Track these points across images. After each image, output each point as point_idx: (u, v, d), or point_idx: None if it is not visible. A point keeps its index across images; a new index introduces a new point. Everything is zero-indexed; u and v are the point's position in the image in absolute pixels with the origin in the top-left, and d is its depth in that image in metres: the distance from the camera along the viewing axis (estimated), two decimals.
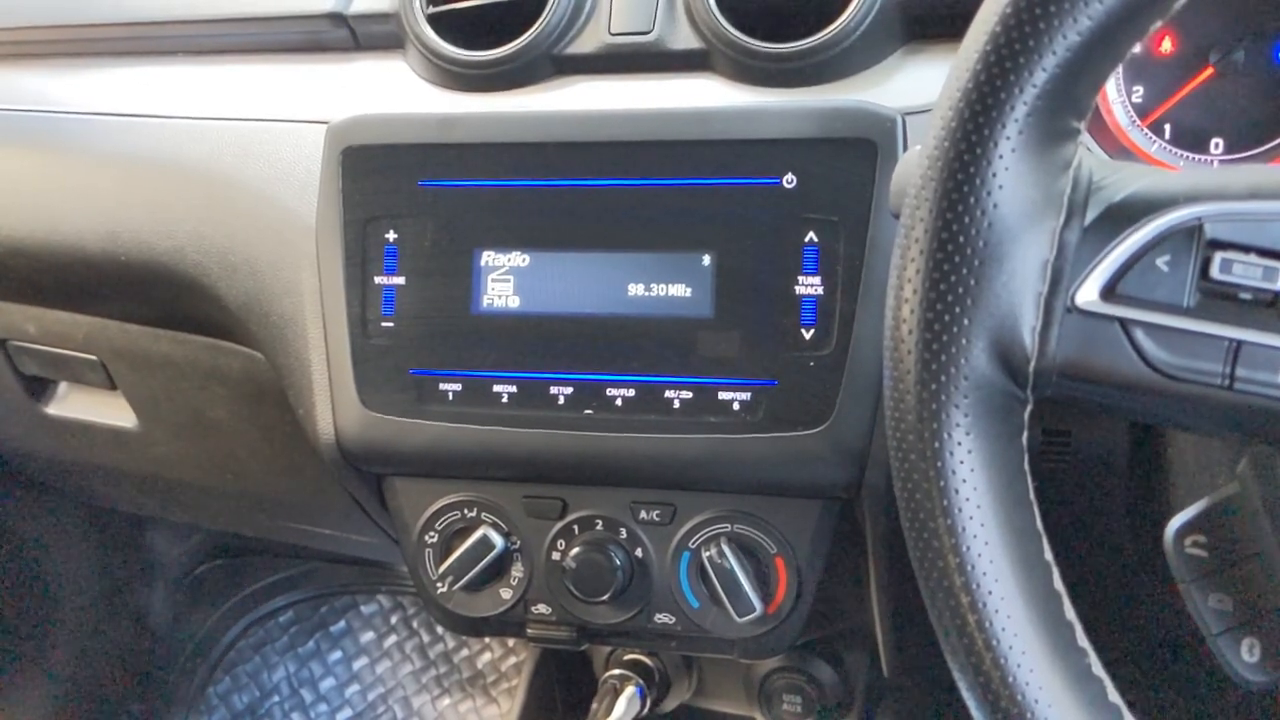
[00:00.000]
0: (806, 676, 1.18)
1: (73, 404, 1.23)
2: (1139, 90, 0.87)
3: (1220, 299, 0.51)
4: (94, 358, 1.15)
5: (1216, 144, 0.86)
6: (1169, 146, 0.87)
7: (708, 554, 0.87)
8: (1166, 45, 0.87)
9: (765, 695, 1.20)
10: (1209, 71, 0.85)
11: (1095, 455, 0.85)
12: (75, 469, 1.34)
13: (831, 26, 0.88)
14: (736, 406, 0.83)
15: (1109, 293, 0.52)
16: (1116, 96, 0.87)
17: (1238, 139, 0.86)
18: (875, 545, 0.88)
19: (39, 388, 1.23)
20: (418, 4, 0.98)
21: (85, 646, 1.65)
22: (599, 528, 0.90)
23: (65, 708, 1.63)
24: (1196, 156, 0.87)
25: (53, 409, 1.24)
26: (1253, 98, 0.85)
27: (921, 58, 0.90)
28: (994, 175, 0.51)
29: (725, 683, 1.25)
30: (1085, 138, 0.65)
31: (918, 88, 0.86)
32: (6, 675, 1.58)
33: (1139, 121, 0.87)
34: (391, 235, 0.89)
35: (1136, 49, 0.85)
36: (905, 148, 0.81)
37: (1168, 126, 0.87)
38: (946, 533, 0.52)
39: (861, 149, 0.81)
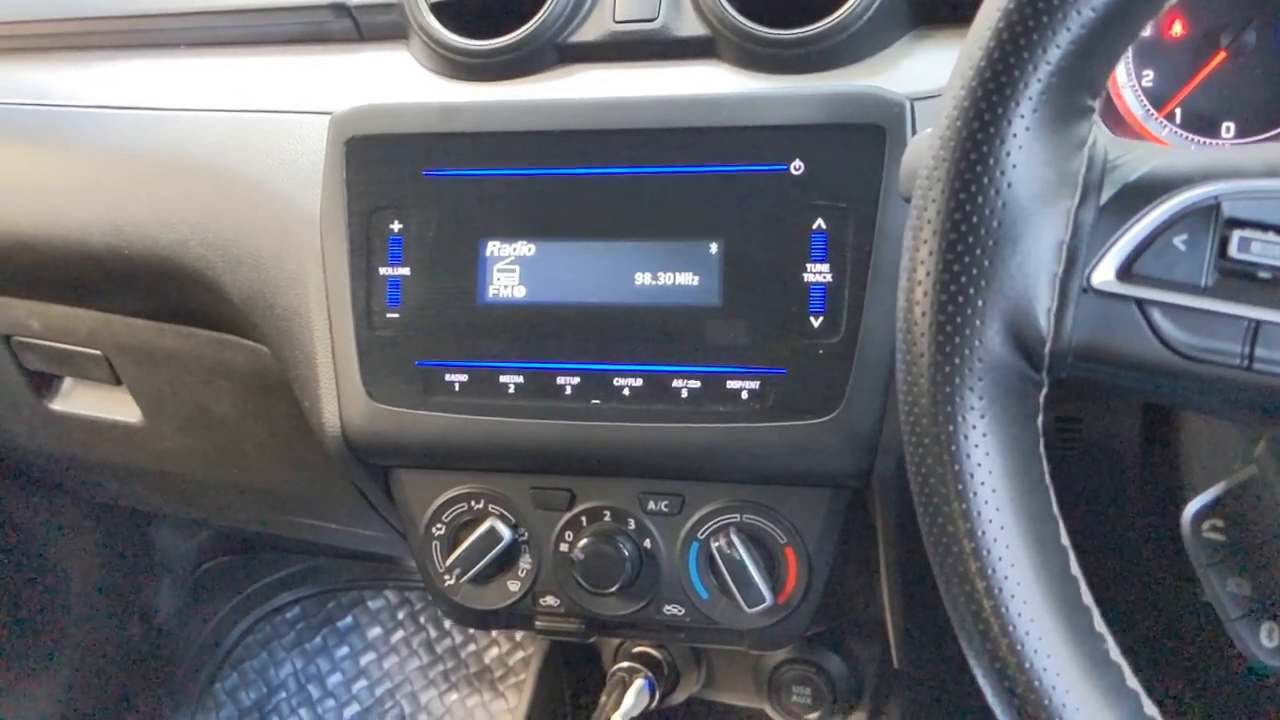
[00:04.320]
0: (816, 668, 1.17)
1: (77, 400, 1.23)
2: (1149, 74, 0.87)
3: (1239, 278, 0.50)
4: (98, 353, 1.15)
5: (1228, 128, 0.86)
6: (1180, 131, 0.86)
7: (717, 544, 0.86)
8: (1177, 28, 0.86)
9: (775, 687, 1.19)
10: (1221, 55, 0.84)
11: (1106, 441, 0.85)
12: (80, 465, 1.33)
13: (838, 12, 0.87)
14: (745, 395, 0.82)
15: (1125, 273, 0.51)
16: (1126, 81, 0.87)
17: (1249, 122, 0.85)
18: (886, 534, 0.88)
19: (43, 383, 1.23)
20: None
21: (92, 643, 1.65)
22: (607, 519, 0.89)
23: (72, 704, 1.63)
24: (1208, 141, 0.86)
25: (57, 405, 1.23)
26: (1264, 80, 0.84)
27: (929, 43, 0.90)
28: (1008, 154, 0.50)
29: (734, 675, 1.25)
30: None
31: (925, 73, 0.86)
32: (14, 672, 1.58)
33: (1153, 110, 0.86)
34: (396, 226, 0.89)
35: (1146, 32, 0.84)
36: (914, 133, 0.80)
37: (1179, 111, 0.86)
38: (961, 517, 0.52)
39: (870, 134, 0.80)
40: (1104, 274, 0.51)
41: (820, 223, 0.81)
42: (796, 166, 0.81)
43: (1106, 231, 0.51)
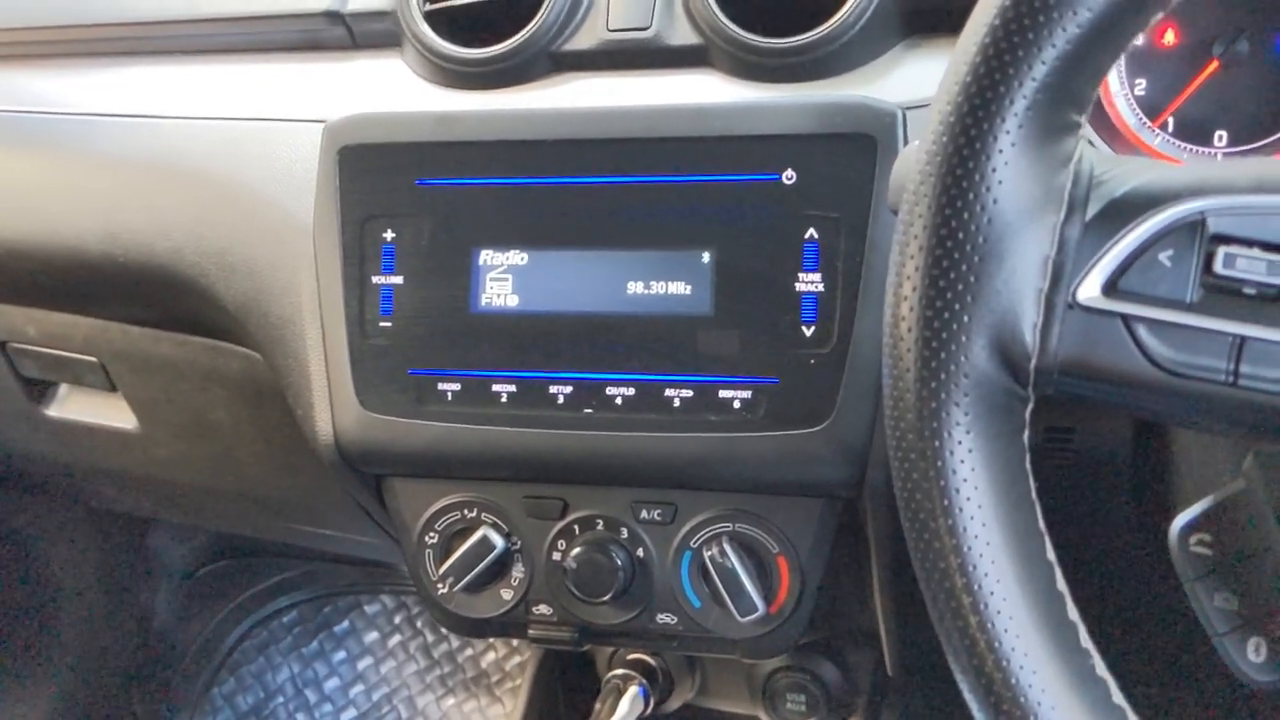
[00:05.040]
0: (810, 675, 1.17)
1: (73, 406, 1.23)
2: (1141, 83, 0.87)
3: (1224, 294, 0.50)
4: (94, 359, 1.15)
5: (1220, 137, 0.86)
6: (1172, 140, 0.86)
7: (709, 553, 0.86)
8: (1169, 37, 0.86)
9: (769, 695, 1.19)
10: (1214, 65, 0.84)
11: (1098, 452, 0.85)
12: (76, 471, 1.34)
13: (830, 21, 0.87)
14: (737, 405, 0.82)
15: (1111, 288, 0.51)
16: (1119, 89, 0.87)
17: (1242, 131, 0.85)
18: (877, 544, 0.88)
19: (39, 390, 1.23)
20: (415, 1, 0.97)
21: (89, 648, 1.65)
22: (600, 528, 0.89)
23: (69, 710, 1.63)
24: (1200, 149, 0.86)
25: (53, 411, 1.23)
26: (1257, 89, 0.84)
27: (921, 52, 0.89)
28: (994, 170, 0.50)
29: (729, 682, 1.25)
30: (1087, 131, 0.65)
31: (917, 82, 0.86)
32: (11, 677, 1.58)
33: (1145, 119, 0.86)
34: (389, 234, 0.89)
35: (1139, 41, 0.84)
36: (905, 143, 0.80)
37: (1171, 120, 0.86)
38: (947, 533, 0.52)
39: (861, 144, 0.80)
40: (1089, 290, 0.51)
41: (812, 232, 0.81)
42: (788, 176, 0.81)
43: (1092, 247, 0.51)
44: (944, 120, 0.51)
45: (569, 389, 0.85)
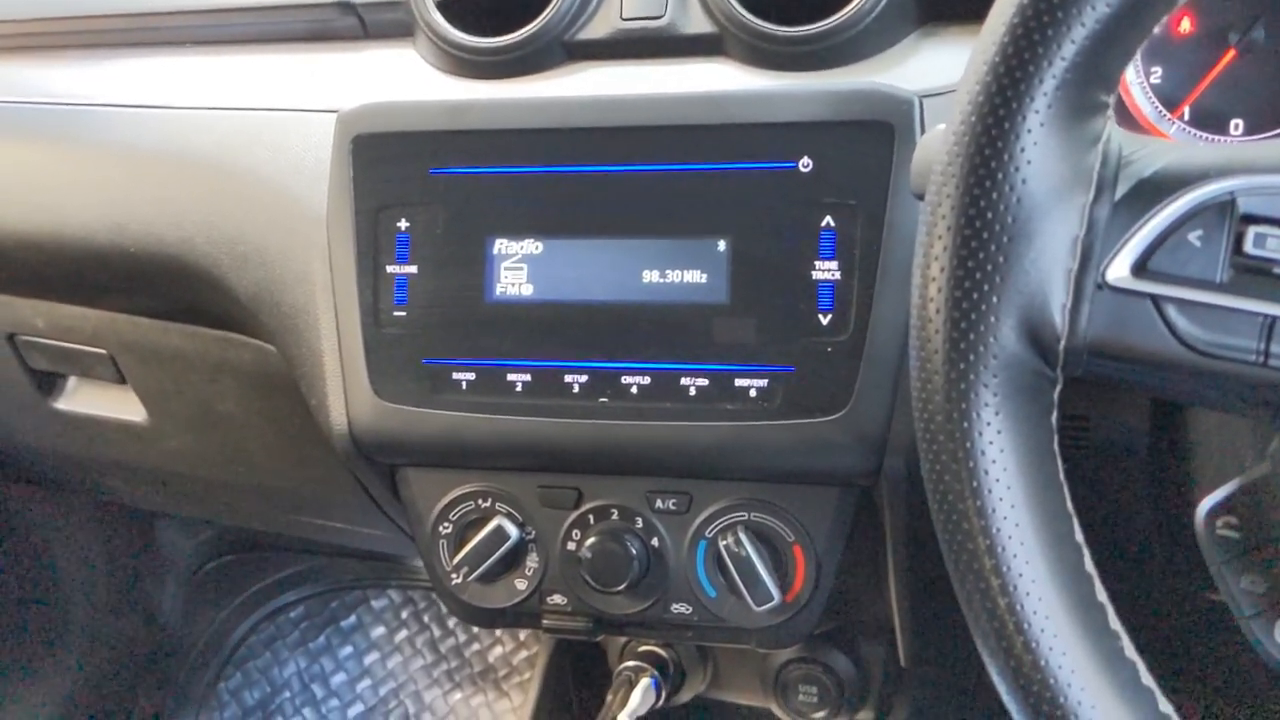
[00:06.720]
0: (823, 667, 1.17)
1: (82, 398, 1.23)
2: (1157, 71, 0.86)
3: (1254, 274, 0.50)
4: (103, 351, 1.15)
5: (1236, 125, 0.85)
6: (1188, 128, 0.86)
7: (725, 543, 0.86)
8: (1185, 25, 0.86)
9: (781, 686, 1.19)
10: (1231, 54, 0.84)
11: (1114, 440, 0.84)
12: (85, 464, 1.33)
13: (846, 9, 0.87)
14: (753, 393, 0.82)
15: (1140, 269, 0.51)
16: (1135, 78, 0.86)
17: (1258, 119, 0.85)
18: (894, 533, 0.87)
19: (48, 382, 1.23)
20: None
21: (96, 642, 1.65)
22: (615, 517, 0.89)
23: (76, 704, 1.63)
24: (1216, 138, 0.86)
25: (62, 404, 1.23)
26: (1273, 77, 0.84)
27: (937, 40, 0.89)
28: (1022, 150, 0.50)
29: (741, 674, 1.25)
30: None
31: (934, 70, 0.85)
32: (18, 671, 1.58)
33: (1162, 108, 0.86)
34: (403, 224, 0.89)
35: (1155, 30, 0.84)
36: (922, 130, 0.80)
37: (1187, 109, 0.86)
38: (976, 514, 0.51)
39: (878, 131, 0.80)
40: (1119, 270, 0.51)
41: (829, 220, 0.81)
42: (805, 164, 0.81)
43: (1121, 227, 0.51)
44: (972, 100, 0.51)
45: (584, 378, 0.85)
